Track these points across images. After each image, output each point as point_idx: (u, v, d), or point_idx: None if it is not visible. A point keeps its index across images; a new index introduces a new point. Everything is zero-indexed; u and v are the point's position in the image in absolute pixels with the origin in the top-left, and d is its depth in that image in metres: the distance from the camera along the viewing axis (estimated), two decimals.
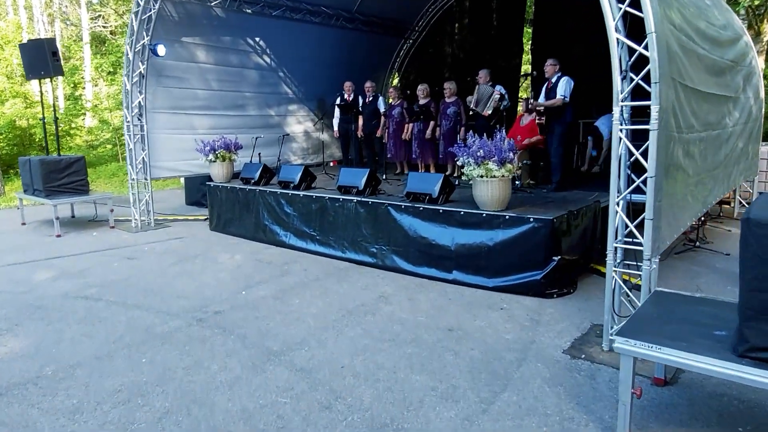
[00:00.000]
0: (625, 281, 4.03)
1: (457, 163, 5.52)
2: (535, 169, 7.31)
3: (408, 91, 9.42)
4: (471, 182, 5.46)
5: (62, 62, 12.22)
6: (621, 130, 3.68)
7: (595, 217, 5.86)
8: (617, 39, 3.61)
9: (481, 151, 5.21)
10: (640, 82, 3.59)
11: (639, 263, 3.74)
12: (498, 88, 7.89)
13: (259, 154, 9.76)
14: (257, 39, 10.15)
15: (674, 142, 3.82)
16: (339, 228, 6.69)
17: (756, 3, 12.02)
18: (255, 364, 3.85)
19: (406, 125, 8.94)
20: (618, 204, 3.76)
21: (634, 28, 3.61)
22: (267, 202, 7.65)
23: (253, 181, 8.06)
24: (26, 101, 18.78)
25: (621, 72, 3.63)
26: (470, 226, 5.46)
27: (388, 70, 13.27)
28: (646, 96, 3.60)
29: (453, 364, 3.77)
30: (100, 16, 25.82)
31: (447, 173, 8.61)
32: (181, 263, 6.70)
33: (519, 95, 11.59)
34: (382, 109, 9.36)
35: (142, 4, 8.07)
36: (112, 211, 9.14)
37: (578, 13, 10.22)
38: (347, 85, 9.77)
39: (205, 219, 9.13)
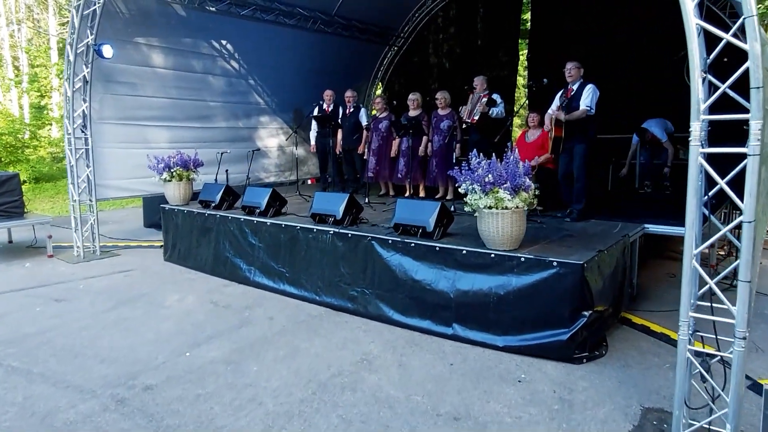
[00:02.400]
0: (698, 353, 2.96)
1: (459, 189, 4.43)
2: (545, 193, 6.22)
3: (394, 102, 8.35)
4: (476, 214, 4.37)
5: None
6: (701, 155, 2.62)
7: (624, 254, 4.82)
8: (697, 25, 2.56)
9: (490, 176, 4.13)
10: (728, 90, 2.55)
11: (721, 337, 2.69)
12: (494, 96, 6.91)
13: (226, 171, 8.55)
14: (223, 42, 9.01)
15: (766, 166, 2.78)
16: (313, 265, 5.54)
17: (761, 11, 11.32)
18: None
19: (394, 141, 7.86)
20: (695, 258, 2.70)
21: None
22: (228, 230, 6.47)
23: (213, 204, 6.87)
24: None
25: (701, 73, 2.58)
26: (475, 269, 4.36)
27: (371, 80, 12.23)
28: (729, 107, 2.58)
29: None
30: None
31: (439, 196, 7.56)
32: (119, 308, 5.47)
33: (515, 108, 10.62)
34: (364, 122, 8.28)
35: None
36: (49, 237, 7.86)
37: (578, 20, 9.40)
38: (327, 93, 8.68)
39: (161, 246, 7.90)
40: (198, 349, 4.40)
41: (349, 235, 5.23)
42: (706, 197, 2.73)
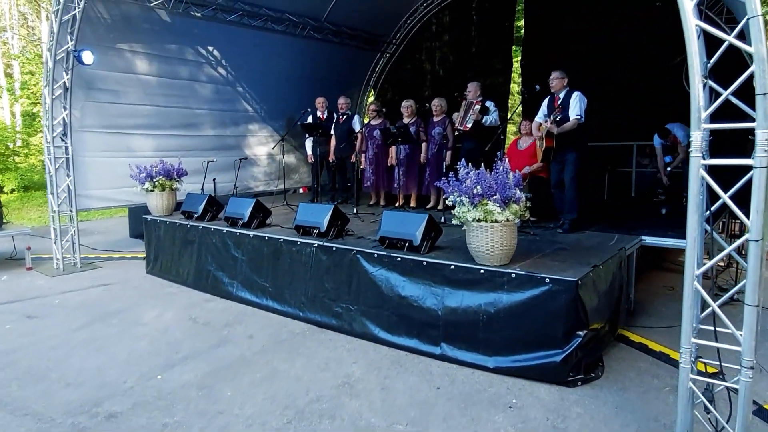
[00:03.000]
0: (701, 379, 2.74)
1: (446, 201, 4.21)
2: (537, 203, 6.00)
3: (384, 109, 8.14)
4: (465, 227, 4.15)
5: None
6: (703, 167, 2.41)
7: (621, 268, 4.60)
8: (696, 27, 2.36)
9: (479, 186, 3.91)
10: (731, 97, 2.34)
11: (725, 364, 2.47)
12: (488, 103, 6.69)
13: (214, 180, 8.33)
14: (210, 48, 8.80)
15: None
16: (296, 279, 5.31)
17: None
18: None
19: (390, 149, 7.64)
20: (697, 280, 2.47)
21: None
22: (211, 242, 6.23)
23: (195, 215, 6.63)
24: None
25: (702, 78, 2.37)
26: (464, 286, 4.13)
27: (363, 87, 12.05)
28: (733, 115, 2.37)
29: None
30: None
31: (431, 205, 7.34)
32: (93, 325, 5.22)
33: (508, 115, 10.43)
34: (357, 129, 8.06)
35: (62, 1, 6.68)
36: (28, 249, 7.61)
37: (573, 27, 9.25)
38: (319, 101, 8.46)
39: (145, 258, 7.64)
40: (171, 371, 4.15)
41: (334, 248, 5.00)
42: (708, 213, 2.51)
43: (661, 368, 4.05)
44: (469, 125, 6.64)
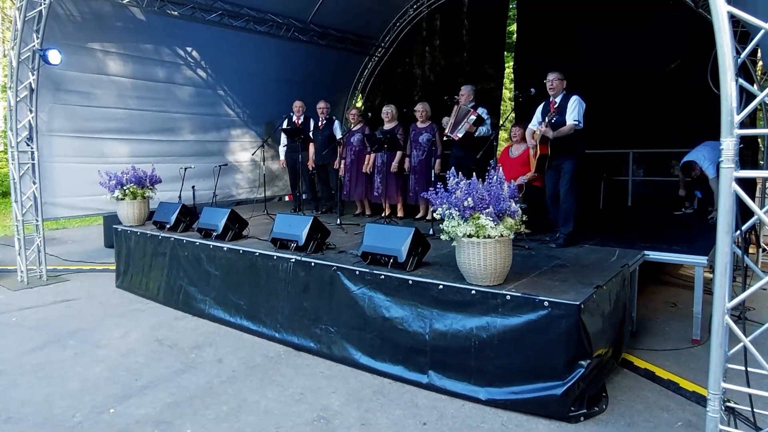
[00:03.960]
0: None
1: (435, 214, 3.82)
2: (532, 214, 5.62)
3: (369, 114, 7.75)
4: (454, 243, 3.76)
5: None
6: (735, 180, 2.04)
7: (624, 287, 4.22)
8: (727, 13, 1.99)
9: (470, 199, 3.52)
10: None
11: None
12: (480, 110, 6.31)
13: (193, 187, 7.89)
14: (189, 49, 8.39)
15: None
16: (272, 297, 4.89)
17: None
18: None
19: (367, 156, 7.25)
20: (727, 314, 2.09)
21: None
22: (183, 255, 5.80)
23: (167, 226, 6.19)
24: None
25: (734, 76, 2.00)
26: (453, 308, 3.74)
27: (350, 92, 11.67)
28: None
29: None
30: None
31: (419, 216, 6.95)
32: (47, 348, 4.76)
33: (500, 122, 10.10)
34: (338, 135, 7.66)
35: None
36: None
37: (565, 30, 8.96)
38: (296, 105, 8.04)
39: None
40: (126, 403, 3.71)
41: (312, 264, 4.59)
42: (738, 232, 2.14)
43: (671, 399, 3.67)
44: (460, 135, 6.26)
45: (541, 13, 9.42)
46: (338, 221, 6.54)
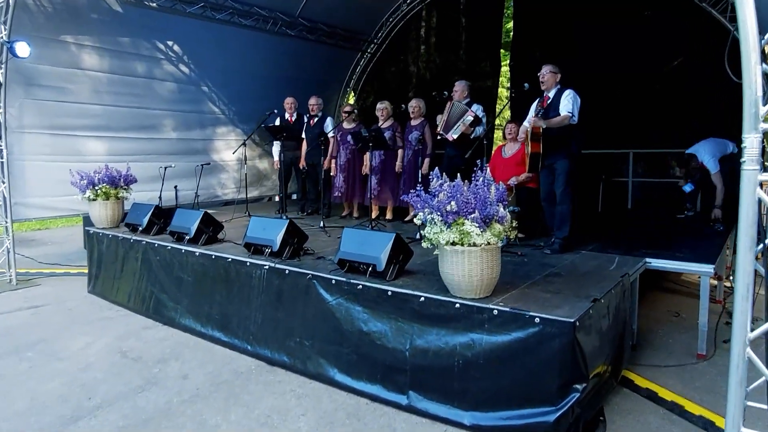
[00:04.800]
0: None
1: (415, 220, 3.47)
2: (526, 217, 5.27)
3: (356, 111, 7.39)
4: (437, 251, 3.41)
5: None
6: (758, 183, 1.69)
7: (624, 298, 3.88)
8: None
9: (453, 203, 3.17)
10: None
11: None
12: (475, 107, 5.96)
13: (175, 187, 7.52)
14: (170, 43, 8.03)
15: None
16: (245, 306, 4.54)
17: None
18: None
19: (365, 156, 6.88)
20: (748, 345, 1.75)
21: None
22: (154, 259, 5.45)
23: (140, 228, 5.85)
24: None
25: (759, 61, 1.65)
26: (435, 322, 3.39)
27: (342, 89, 11.31)
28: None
29: None
30: None
31: (408, 218, 6.61)
32: (3, 360, 4.40)
33: (494, 120, 9.75)
34: (330, 133, 7.30)
35: None
36: None
37: (562, 27, 8.64)
38: (288, 101, 7.70)
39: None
40: (74, 426, 3.36)
41: (287, 271, 4.24)
42: (761, 246, 1.80)
43: (675, 425, 3.32)
44: (455, 136, 5.89)
45: (538, 10, 9.12)
46: (322, 224, 6.19)
